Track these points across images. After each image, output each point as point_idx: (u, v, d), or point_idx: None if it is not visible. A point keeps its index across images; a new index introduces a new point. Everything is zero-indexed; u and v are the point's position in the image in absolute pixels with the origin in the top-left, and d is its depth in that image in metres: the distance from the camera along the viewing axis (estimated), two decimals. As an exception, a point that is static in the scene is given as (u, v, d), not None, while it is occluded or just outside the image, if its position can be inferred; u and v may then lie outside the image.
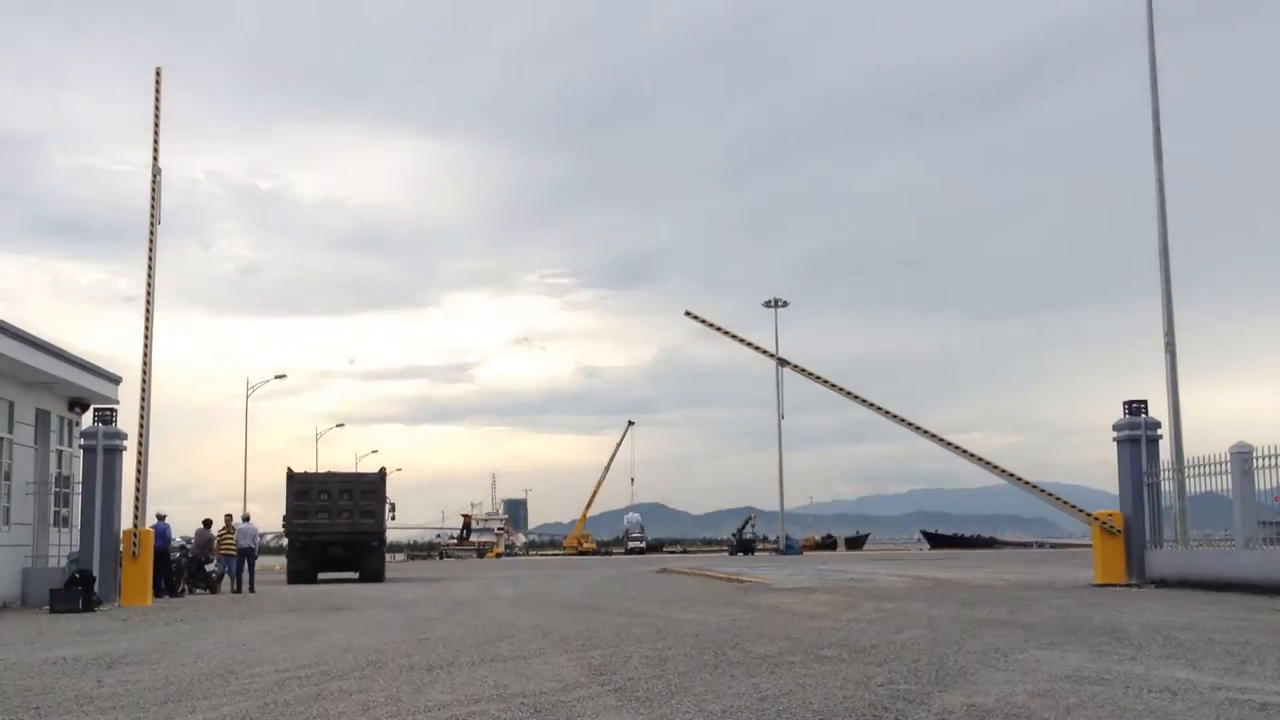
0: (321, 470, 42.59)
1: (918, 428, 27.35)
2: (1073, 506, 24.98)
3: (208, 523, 31.05)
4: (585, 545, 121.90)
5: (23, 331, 22.23)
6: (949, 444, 27.10)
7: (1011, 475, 26.14)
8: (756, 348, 30.95)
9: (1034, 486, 26.02)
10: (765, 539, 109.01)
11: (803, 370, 29.63)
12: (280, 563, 50.90)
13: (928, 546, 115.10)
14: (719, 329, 31.43)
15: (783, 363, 29.85)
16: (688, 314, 32.35)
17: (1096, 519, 23.64)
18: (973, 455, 26.78)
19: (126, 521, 23.66)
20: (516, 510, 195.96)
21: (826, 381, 29.05)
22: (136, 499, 23.52)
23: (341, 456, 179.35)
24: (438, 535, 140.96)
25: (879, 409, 28.09)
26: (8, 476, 23.51)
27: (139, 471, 23.53)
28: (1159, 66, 26.18)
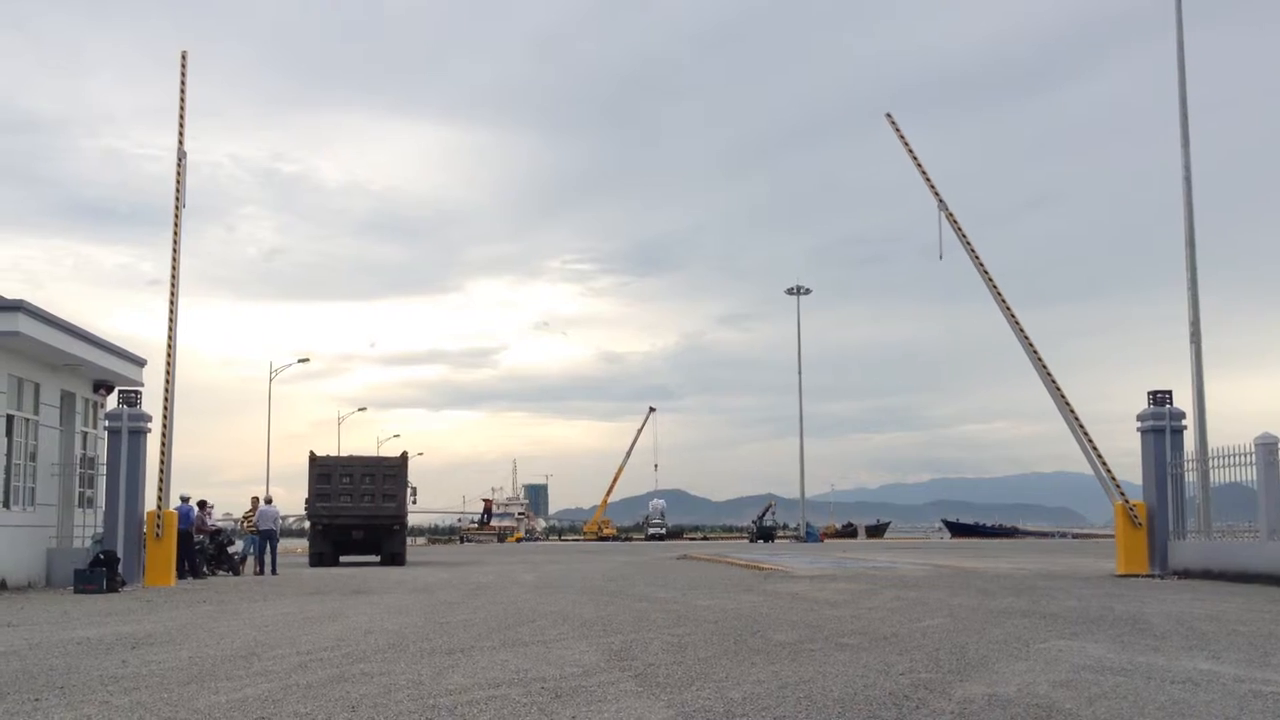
0: (344, 454, 42.73)
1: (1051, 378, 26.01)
2: (1116, 484, 24.30)
3: (202, 505, 30.39)
4: (606, 531, 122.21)
5: (49, 314, 22.36)
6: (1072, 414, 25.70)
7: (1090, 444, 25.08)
8: (928, 179, 29.20)
9: (1098, 454, 24.95)
10: (786, 526, 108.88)
11: (958, 228, 28.08)
12: (302, 545, 51.15)
13: (949, 535, 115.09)
14: (908, 147, 29.95)
15: (943, 205, 28.72)
16: (888, 116, 31.14)
17: (1128, 502, 23.40)
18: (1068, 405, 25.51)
19: (150, 503, 23.81)
20: (537, 495, 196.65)
21: (985, 271, 27.57)
22: (160, 481, 23.65)
23: (363, 440, 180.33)
24: (459, 520, 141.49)
25: (1031, 347, 26.58)
26: (33, 458, 23.67)
27: (163, 453, 23.65)
28: (1187, 54, 25.95)
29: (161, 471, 23.68)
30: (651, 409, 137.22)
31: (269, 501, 33.03)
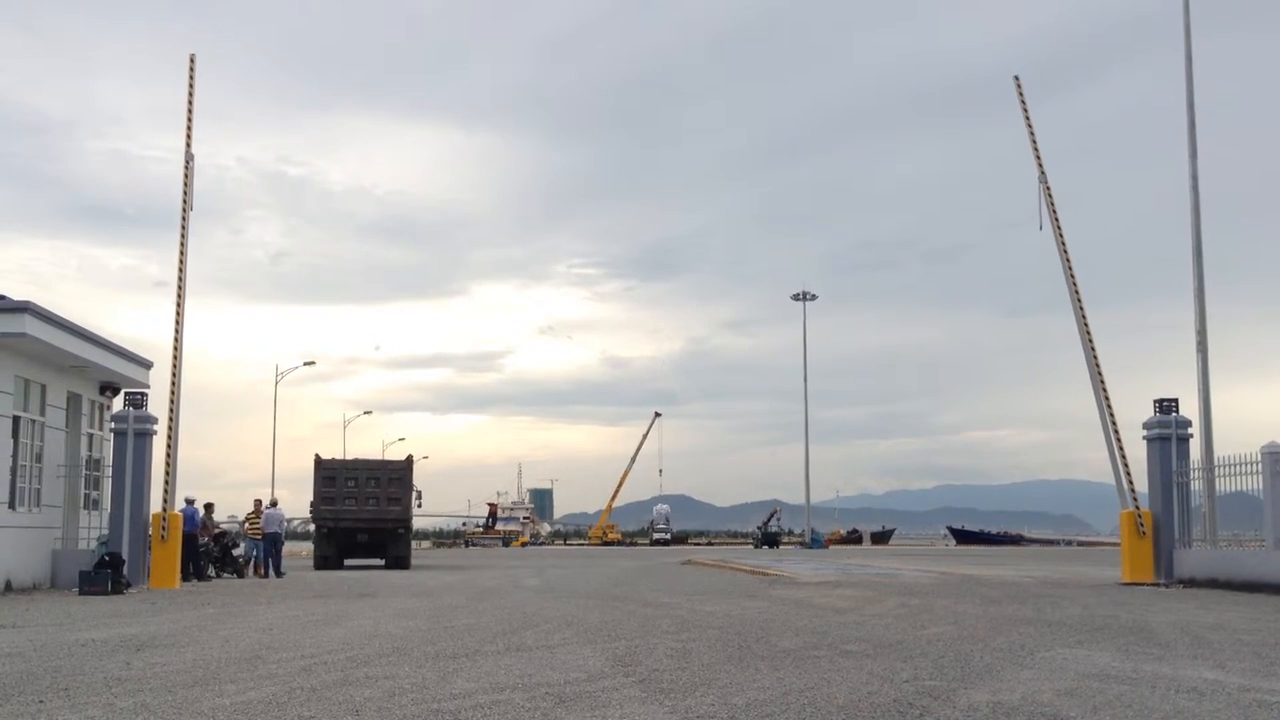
0: (349, 457, 42.81)
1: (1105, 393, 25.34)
2: (1133, 493, 24.06)
3: (208, 507, 30.45)
4: (610, 536, 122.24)
5: (56, 315, 22.39)
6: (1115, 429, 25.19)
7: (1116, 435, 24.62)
8: (1036, 148, 28.52)
9: (1122, 454, 24.56)
10: (790, 532, 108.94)
11: (1052, 204, 27.47)
12: (307, 548, 51.17)
13: (954, 542, 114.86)
14: (1027, 115, 29.11)
15: (1043, 177, 28.23)
16: (1015, 79, 30.45)
17: (1138, 509, 23.28)
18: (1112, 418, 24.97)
19: (156, 505, 23.84)
20: (542, 500, 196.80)
21: (1065, 252, 26.84)
22: (166, 483, 23.68)
23: (369, 444, 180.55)
24: (464, 523, 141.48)
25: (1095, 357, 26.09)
26: (39, 459, 23.71)
27: (169, 455, 23.69)
28: (1194, 62, 25.96)
29: (167, 474, 23.71)
30: (657, 414, 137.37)
31: (274, 504, 33.05)
